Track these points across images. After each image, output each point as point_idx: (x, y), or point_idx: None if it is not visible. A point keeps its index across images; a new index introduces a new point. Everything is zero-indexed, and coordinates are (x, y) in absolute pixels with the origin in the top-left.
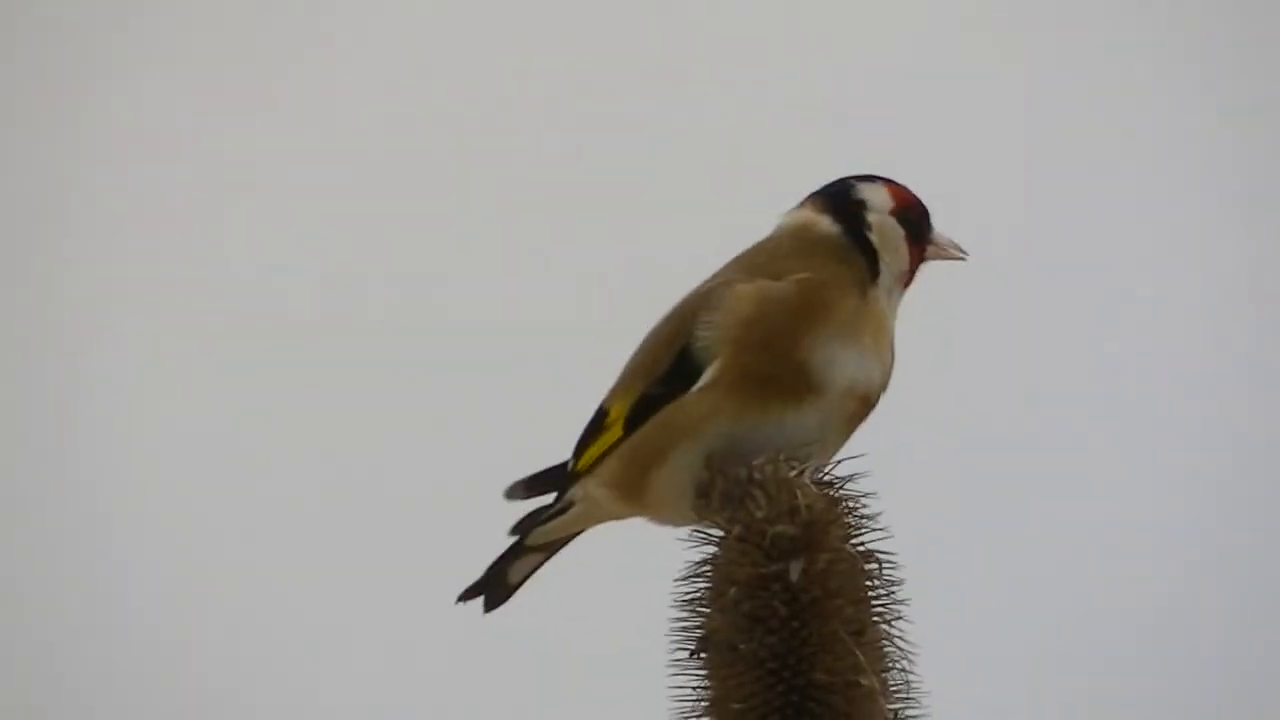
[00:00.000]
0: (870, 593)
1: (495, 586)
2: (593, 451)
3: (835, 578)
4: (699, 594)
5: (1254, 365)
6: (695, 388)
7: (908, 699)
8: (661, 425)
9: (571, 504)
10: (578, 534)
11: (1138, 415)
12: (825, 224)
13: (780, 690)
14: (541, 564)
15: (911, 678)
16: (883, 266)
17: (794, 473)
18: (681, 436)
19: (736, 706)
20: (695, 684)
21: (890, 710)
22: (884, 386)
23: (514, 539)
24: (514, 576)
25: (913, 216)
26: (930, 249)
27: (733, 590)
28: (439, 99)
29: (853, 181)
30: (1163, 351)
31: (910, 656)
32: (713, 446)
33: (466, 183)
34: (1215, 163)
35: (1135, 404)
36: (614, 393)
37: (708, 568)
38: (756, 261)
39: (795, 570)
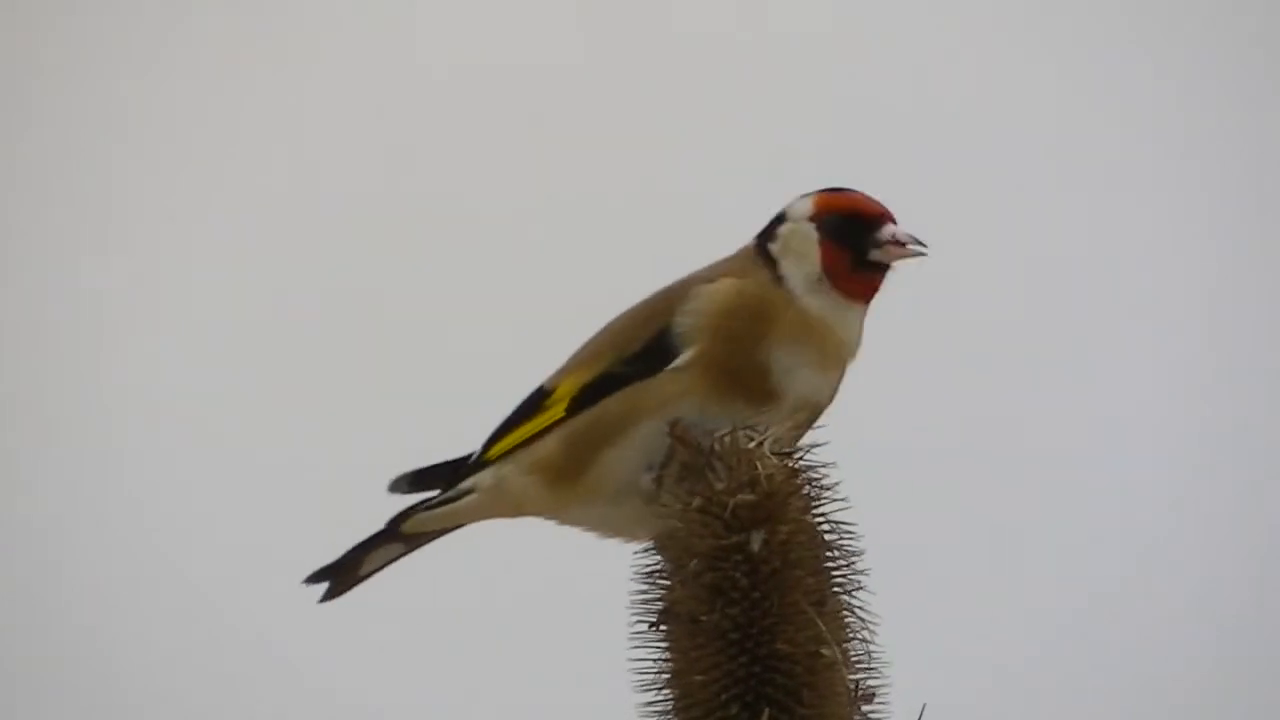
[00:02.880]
0: (831, 563)
1: (344, 573)
2: (519, 434)
3: (796, 549)
4: (659, 566)
5: (1251, 368)
6: (668, 368)
7: (869, 669)
8: (625, 402)
9: (469, 491)
10: (454, 529)
11: (1112, 397)
12: (750, 242)
13: (742, 661)
14: (399, 557)
15: (872, 648)
16: (783, 273)
17: (754, 444)
18: (646, 415)
19: (699, 678)
20: (657, 656)
21: (852, 680)
22: (830, 400)
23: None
24: (367, 566)
25: (837, 221)
26: (875, 252)
27: (694, 562)
28: (431, 93)
29: (797, 199)
30: (1146, 340)
31: (871, 627)
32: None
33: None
34: (1212, 162)
35: (1111, 385)
36: (563, 372)
37: (668, 540)
38: (703, 272)
39: (756, 541)
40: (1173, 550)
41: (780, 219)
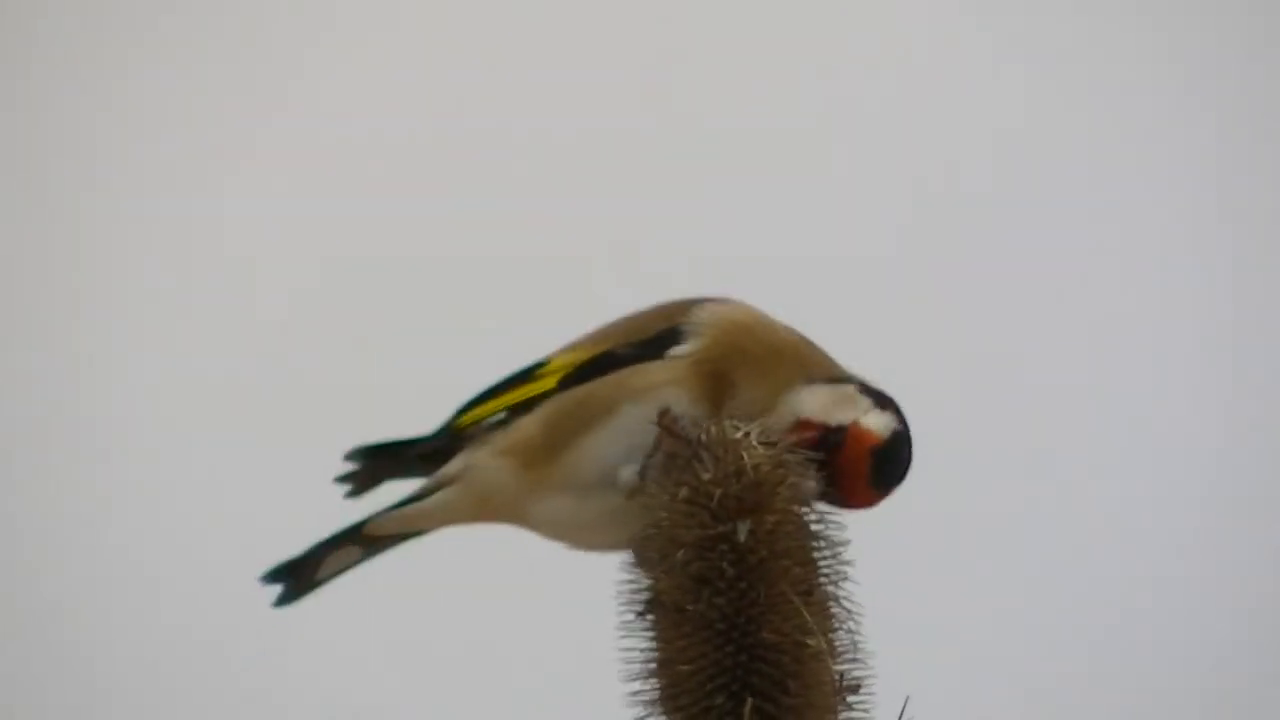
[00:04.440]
0: (817, 553)
1: (303, 573)
2: (501, 401)
3: (782, 538)
4: (646, 555)
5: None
6: (667, 354)
7: (855, 660)
8: (613, 383)
9: (442, 484)
10: (415, 534)
11: (1103, 394)
12: (854, 390)
13: (728, 651)
14: (356, 564)
15: (858, 639)
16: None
17: (740, 434)
18: (632, 397)
19: (685, 668)
20: (643, 646)
21: (837, 671)
22: None
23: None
24: (325, 570)
25: (823, 446)
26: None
27: (680, 552)
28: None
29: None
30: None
31: (857, 617)
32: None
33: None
34: (1211, 160)
35: (1104, 382)
36: (565, 349)
37: (655, 529)
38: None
39: (743, 531)
40: (1168, 547)
41: (875, 396)
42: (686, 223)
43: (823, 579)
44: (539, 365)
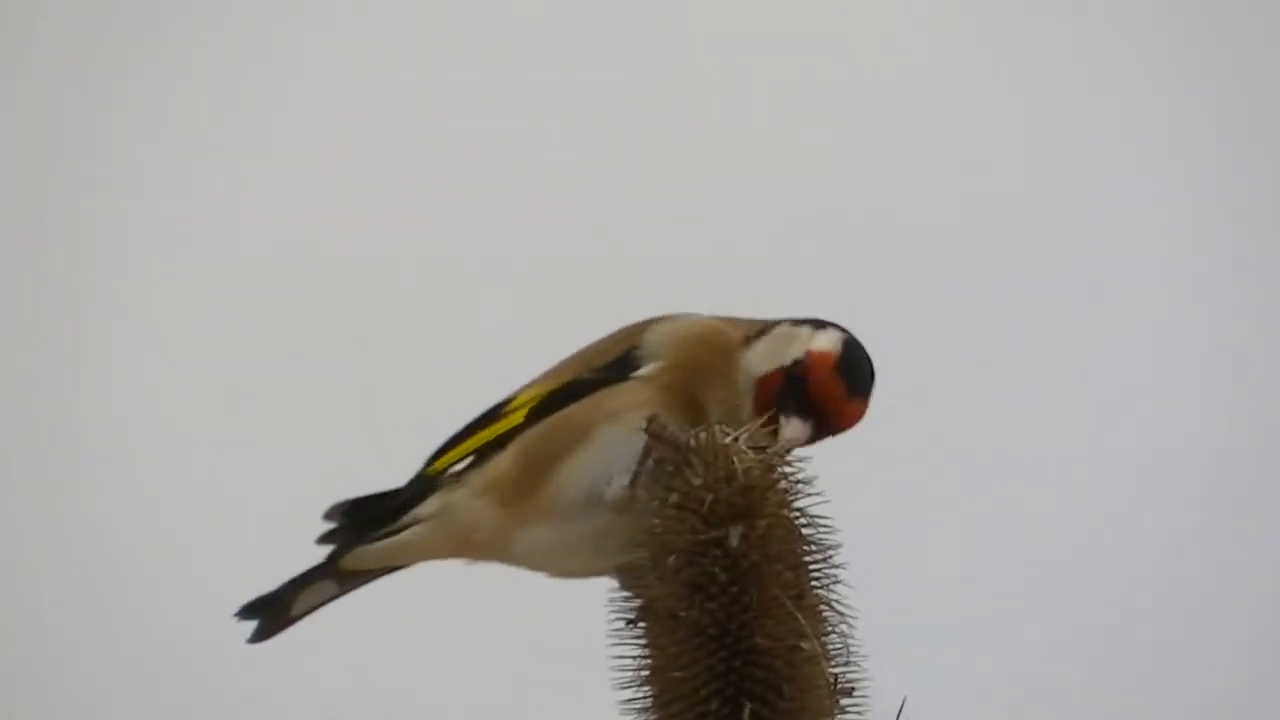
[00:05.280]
0: (808, 557)
1: (276, 611)
2: (471, 443)
3: (774, 543)
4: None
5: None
6: (633, 375)
7: (848, 663)
8: (584, 408)
9: (413, 523)
10: (393, 569)
11: (1099, 396)
12: (789, 326)
13: (721, 656)
14: (331, 599)
15: (851, 642)
16: (749, 351)
17: (730, 439)
18: (606, 420)
19: (678, 674)
20: (635, 653)
21: (831, 674)
22: None
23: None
24: (299, 606)
25: (797, 386)
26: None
27: (672, 558)
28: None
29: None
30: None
31: (849, 620)
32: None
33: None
34: (1209, 159)
35: (1102, 385)
36: (527, 386)
37: (646, 536)
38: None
39: (734, 536)
40: (1168, 547)
41: (809, 323)
42: (686, 222)
43: (814, 582)
44: (504, 403)
